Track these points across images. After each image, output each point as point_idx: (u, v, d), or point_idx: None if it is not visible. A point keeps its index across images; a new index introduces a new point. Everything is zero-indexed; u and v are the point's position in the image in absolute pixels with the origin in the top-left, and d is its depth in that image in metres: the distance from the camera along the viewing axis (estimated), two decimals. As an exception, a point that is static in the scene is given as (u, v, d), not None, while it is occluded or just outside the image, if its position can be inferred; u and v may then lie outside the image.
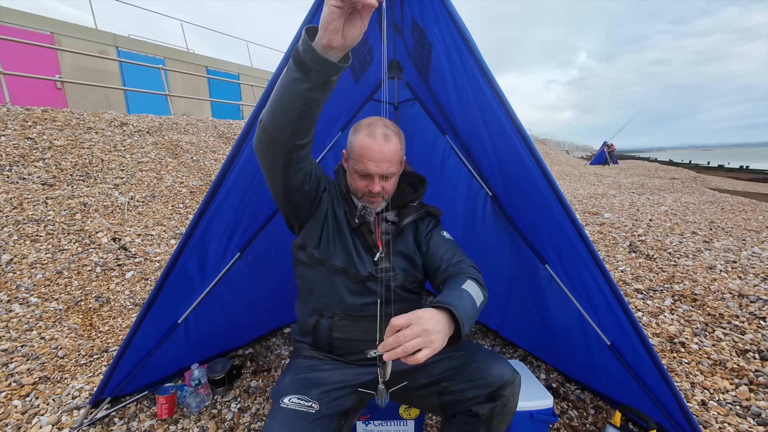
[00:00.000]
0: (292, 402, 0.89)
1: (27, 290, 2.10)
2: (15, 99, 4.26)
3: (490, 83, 0.94)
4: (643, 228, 3.75)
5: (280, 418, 0.85)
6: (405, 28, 1.18)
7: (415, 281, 1.09)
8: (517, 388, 0.94)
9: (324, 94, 0.72)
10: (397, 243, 1.08)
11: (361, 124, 1.00)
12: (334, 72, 0.68)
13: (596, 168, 13.98)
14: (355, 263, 1.02)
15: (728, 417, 1.37)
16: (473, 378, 0.94)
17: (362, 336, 1.03)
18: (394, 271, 1.05)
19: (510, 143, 1.06)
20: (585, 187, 7.65)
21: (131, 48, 7.83)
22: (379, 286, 1.02)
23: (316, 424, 0.86)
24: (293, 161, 0.84)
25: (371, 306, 1.04)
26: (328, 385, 0.97)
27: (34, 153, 3.33)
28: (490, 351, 1.04)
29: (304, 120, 0.76)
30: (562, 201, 1.01)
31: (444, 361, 1.00)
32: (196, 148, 4.75)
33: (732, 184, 10.61)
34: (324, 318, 1.04)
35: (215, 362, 1.58)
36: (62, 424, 1.35)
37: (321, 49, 0.64)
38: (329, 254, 1.02)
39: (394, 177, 1.03)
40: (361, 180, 1.01)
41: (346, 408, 0.96)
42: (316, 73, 0.67)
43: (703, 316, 2.03)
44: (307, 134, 0.81)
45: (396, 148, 0.99)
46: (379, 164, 0.96)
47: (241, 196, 1.23)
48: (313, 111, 0.75)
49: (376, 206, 1.04)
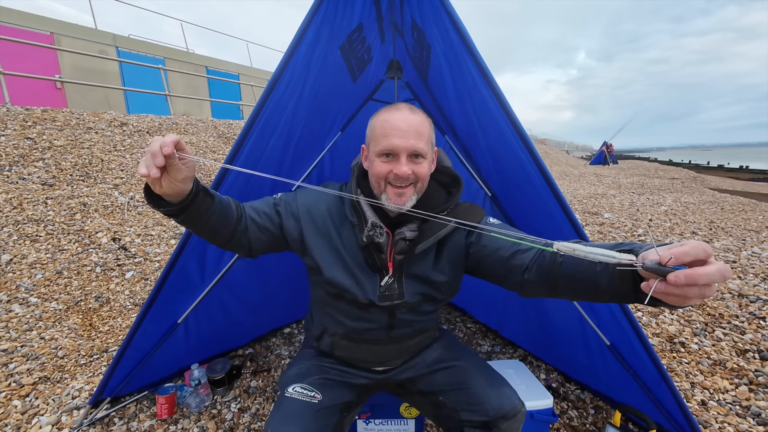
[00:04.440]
0: (296, 391, 0.91)
1: (27, 290, 2.10)
2: (15, 99, 4.26)
3: (489, 85, 0.94)
4: (643, 228, 3.75)
5: (284, 409, 0.87)
6: (405, 28, 1.18)
7: (431, 301, 0.94)
8: (517, 424, 0.86)
9: (187, 222, 0.77)
10: (411, 264, 0.90)
11: (382, 108, 0.90)
12: (168, 208, 0.72)
13: (596, 168, 13.98)
14: (351, 287, 0.89)
15: (728, 417, 1.37)
16: (470, 401, 0.89)
17: (365, 356, 1.00)
18: (402, 298, 0.90)
19: (508, 145, 1.06)
20: (585, 187, 7.65)
21: (131, 48, 7.83)
22: (381, 314, 0.92)
23: (319, 415, 0.87)
24: (228, 247, 0.89)
25: (374, 331, 0.94)
26: (331, 375, 0.99)
27: (34, 153, 3.32)
28: (496, 374, 0.96)
29: (203, 234, 0.84)
30: (561, 202, 1.01)
31: (445, 372, 0.97)
32: (196, 148, 4.75)
33: (732, 184, 10.60)
34: (327, 335, 1.01)
35: (215, 362, 1.58)
36: (62, 424, 1.35)
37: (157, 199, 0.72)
38: (329, 275, 0.90)
39: (426, 162, 0.84)
40: (384, 164, 0.83)
41: (348, 400, 0.96)
42: (165, 211, 0.73)
43: (702, 316, 2.03)
44: (213, 240, 0.86)
45: (424, 120, 0.85)
46: (406, 136, 0.80)
47: (240, 196, 1.23)
48: (200, 232, 0.82)
49: (404, 200, 0.84)
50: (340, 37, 1.07)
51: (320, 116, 1.35)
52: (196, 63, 9.36)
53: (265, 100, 1.01)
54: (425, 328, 1.00)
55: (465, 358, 1.02)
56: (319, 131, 1.45)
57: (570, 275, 0.64)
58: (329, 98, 1.30)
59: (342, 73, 1.22)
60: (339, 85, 1.28)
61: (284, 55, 0.96)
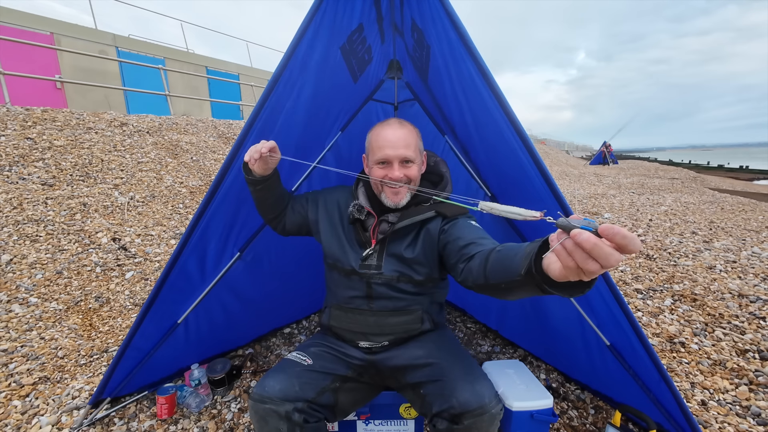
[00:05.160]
0: (292, 355, 1.07)
1: (27, 290, 2.10)
2: (15, 99, 4.26)
3: (489, 85, 0.94)
4: (643, 228, 3.76)
5: (277, 366, 1.03)
6: (405, 28, 1.18)
7: (410, 281, 1.07)
8: (484, 423, 0.85)
9: (258, 192, 1.09)
10: (392, 244, 1.08)
11: (377, 124, 1.10)
12: (258, 183, 1.05)
13: (596, 168, 13.99)
14: (340, 256, 1.11)
15: (728, 417, 1.37)
16: (443, 392, 0.90)
17: (352, 327, 1.12)
18: (380, 270, 1.06)
19: (508, 144, 1.06)
20: (585, 187, 7.65)
21: (131, 48, 7.83)
22: (360, 282, 1.08)
23: (308, 373, 1.00)
24: (273, 223, 1.22)
25: (357, 299, 1.10)
26: (327, 350, 1.11)
27: (34, 153, 3.32)
28: (476, 370, 0.96)
29: (261, 207, 1.16)
30: (561, 202, 1.01)
31: (429, 366, 1.00)
32: (195, 148, 4.75)
33: (732, 184, 10.61)
34: (328, 307, 1.19)
35: (215, 362, 1.58)
36: (62, 425, 1.35)
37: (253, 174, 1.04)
38: (328, 248, 1.14)
39: (415, 165, 1.05)
40: (380, 169, 1.05)
41: (342, 374, 1.06)
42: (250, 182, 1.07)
43: (703, 316, 2.03)
44: (268, 214, 1.18)
45: (411, 132, 1.06)
46: (396, 147, 1.01)
47: (240, 196, 1.23)
48: (258, 203, 1.15)
49: (400, 198, 1.06)
50: (341, 38, 1.07)
51: (320, 116, 1.35)
52: (196, 63, 9.37)
53: (265, 100, 1.01)
54: (405, 308, 1.09)
55: (451, 355, 1.03)
56: (320, 131, 1.45)
57: (498, 259, 0.71)
58: (329, 98, 1.30)
59: (343, 73, 1.22)
60: (339, 85, 1.28)
61: (284, 55, 0.96)
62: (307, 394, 0.95)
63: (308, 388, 0.96)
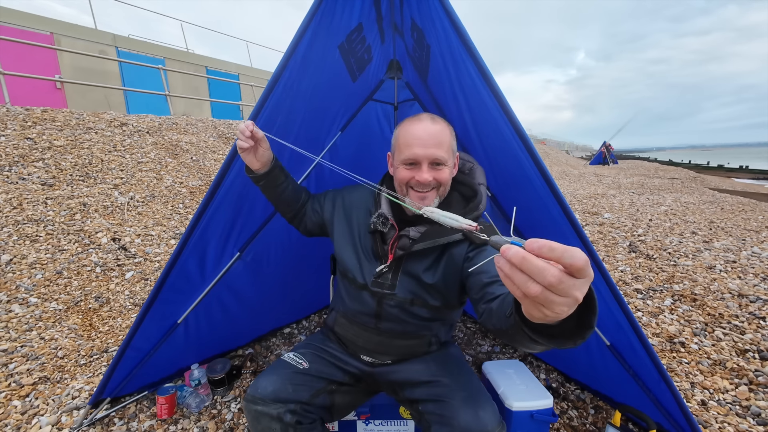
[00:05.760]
0: (288, 356, 1.05)
1: (27, 290, 2.09)
2: (15, 99, 4.25)
3: (488, 85, 0.93)
4: (642, 228, 3.76)
5: (272, 366, 1.01)
6: (405, 28, 1.18)
7: (425, 306, 0.98)
8: None
9: (265, 190, 1.06)
10: (410, 262, 0.96)
11: (406, 119, 0.97)
12: (260, 179, 1.02)
13: (596, 168, 13.99)
14: (352, 267, 1.02)
15: (728, 417, 1.37)
16: (443, 414, 0.86)
17: (356, 340, 1.08)
18: (393, 290, 0.96)
19: (507, 144, 1.06)
20: (585, 187, 7.65)
21: (131, 48, 7.83)
22: (371, 299, 0.99)
23: (301, 376, 0.98)
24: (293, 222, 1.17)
25: (364, 316, 1.03)
26: (325, 355, 1.07)
27: (34, 153, 3.32)
28: (481, 395, 0.90)
29: (276, 207, 1.13)
30: (561, 201, 1.01)
31: (430, 384, 0.96)
32: (195, 148, 4.75)
33: (732, 184, 10.61)
34: (334, 310, 1.15)
35: (215, 362, 1.58)
36: (62, 425, 1.35)
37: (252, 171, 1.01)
38: (340, 255, 1.07)
39: (447, 167, 0.91)
40: (407, 170, 0.91)
41: (338, 379, 1.04)
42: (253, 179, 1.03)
43: (702, 316, 2.03)
44: (286, 212, 1.14)
45: (445, 129, 0.92)
46: (426, 146, 0.87)
47: (240, 196, 1.23)
48: (274, 201, 1.10)
49: (428, 203, 0.91)
50: (339, 36, 1.07)
51: (319, 116, 1.35)
52: (196, 63, 9.37)
53: (265, 100, 1.01)
54: (415, 333, 1.03)
55: (455, 375, 0.98)
56: (319, 131, 1.45)
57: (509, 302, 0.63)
58: (328, 98, 1.30)
59: (341, 72, 1.22)
60: (338, 85, 1.28)
61: (284, 55, 0.96)
62: (302, 396, 0.94)
63: (302, 390, 0.95)
